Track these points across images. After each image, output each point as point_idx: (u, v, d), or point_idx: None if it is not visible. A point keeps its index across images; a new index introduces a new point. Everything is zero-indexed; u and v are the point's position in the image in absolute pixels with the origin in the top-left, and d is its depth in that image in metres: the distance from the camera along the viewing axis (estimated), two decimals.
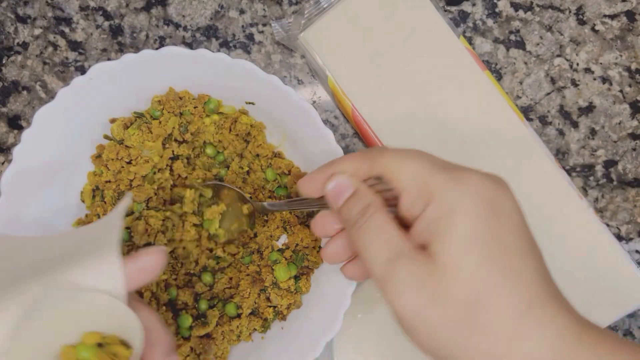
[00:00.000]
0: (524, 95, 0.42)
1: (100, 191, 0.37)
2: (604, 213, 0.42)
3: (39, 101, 0.42)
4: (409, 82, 0.39)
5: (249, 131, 0.38)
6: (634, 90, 0.42)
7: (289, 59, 0.42)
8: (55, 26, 0.42)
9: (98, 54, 0.42)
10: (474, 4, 0.42)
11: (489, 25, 0.42)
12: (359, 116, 0.39)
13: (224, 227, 0.36)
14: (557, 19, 0.42)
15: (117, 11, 0.42)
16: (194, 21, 0.42)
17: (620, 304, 0.38)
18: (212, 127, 0.37)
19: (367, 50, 0.40)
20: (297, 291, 0.37)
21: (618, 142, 0.42)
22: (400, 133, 0.39)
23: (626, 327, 0.42)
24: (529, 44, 0.42)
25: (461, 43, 0.39)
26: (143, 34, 0.42)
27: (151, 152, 0.36)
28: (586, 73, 0.42)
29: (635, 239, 0.42)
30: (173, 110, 0.36)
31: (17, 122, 0.42)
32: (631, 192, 0.42)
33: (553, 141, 0.42)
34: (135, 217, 0.36)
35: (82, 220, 0.37)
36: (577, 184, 0.42)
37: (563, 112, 0.42)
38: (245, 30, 0.42)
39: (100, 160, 0.37)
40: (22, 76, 0.42)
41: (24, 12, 0.43)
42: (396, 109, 0.39)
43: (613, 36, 0.42)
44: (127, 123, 0.36)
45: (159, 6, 0.42)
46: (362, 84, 0.40)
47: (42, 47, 0.42)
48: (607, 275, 0.38)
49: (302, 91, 0.42)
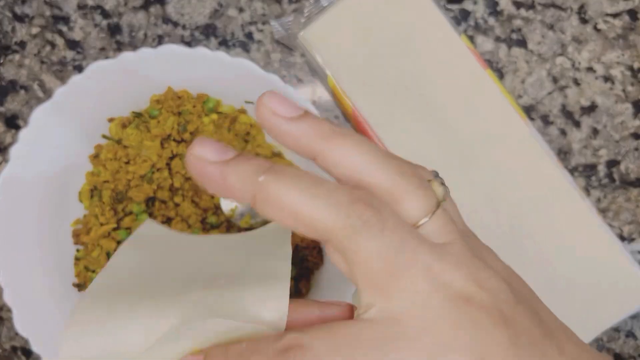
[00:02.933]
0: (526, 95, 0.42)
1: (99, 191, 0.37)
2: (606, 213, 0.41)
3: (37, 100, 0.42)
4: (409, 81, 0.39)
5: (248, 131, 0.37)
6: (636, 90, 0.41)
7: (288, 57, 0.42)
8: (53, 25, 0.42)
9: (96, 52, 0.42)
10: (475, 2, 0.42)
11: (491, 23, 0.42)
12: (359, 116, 0.39)
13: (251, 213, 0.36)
14: (559, 18, 0.42)
15: (115, 10, 0.42)
16: (192, 20, 0.42)
17: (622, 305, 0.38)
18: (211, 126, 0.37)
19: (367, 49, 0.39)
20: (297, 292, 0.37)
21: (620, 141, 0.41)
22: (401, 133, 0.39)
23: (628, 328, 0.41)
24: (531, 43, 0.42)
25: (462, 42, 0.39)
26: (141, 33, 0.42)
27: (149, 152, 0.36)
28: (588, 72, 0.42)
29: (637, 239, 0.41)
30: (172, 110, 0.36)
31: (14, 121, 0.42)
32: (633, 192, 0.41)
33: (555, 141, 0.41)
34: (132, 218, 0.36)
35: (80, 220, 0.37)
36: (579, 184, 0.41)
37: (565, 112, 0.42)
38: (245, 28, 0.42)
39: (98, 160, 0.37)
40: (20, 75, 0.42)
41: (22, 11, 0.42)
42: (397, 108, 0.39)
43: (615, 35, 0.42)
44: (125, 122, 0.36)
45: (158, 5, 0.42)
46: (363, 83, 0.39)
47: (39, 46, 0.42)
48: (609, 276, 0.38)
49: (302, 90, 0.42)
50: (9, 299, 0.33)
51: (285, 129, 0.19)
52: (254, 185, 0.18)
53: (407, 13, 0.39)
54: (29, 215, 0.35)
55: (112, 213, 0.36)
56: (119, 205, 0.36)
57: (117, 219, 0.36)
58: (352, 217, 0.18)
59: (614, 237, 0.38)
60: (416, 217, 0.19)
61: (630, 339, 0.41)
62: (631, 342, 0.41)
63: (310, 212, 0.18)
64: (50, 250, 0.36)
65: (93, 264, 0.36)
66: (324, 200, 0.18)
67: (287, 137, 0.19)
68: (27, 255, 0.35)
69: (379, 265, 0.18)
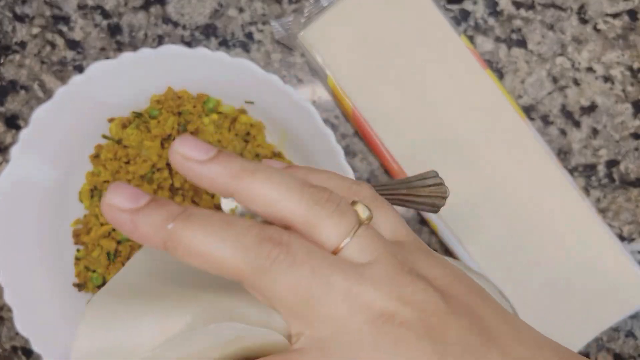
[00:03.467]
0: (526, 95, 0.42)
1: (99, 191, 0.37)
2: (606, 213, 0.41)
3: (37, 101, 0.42)
4: (409, 81, 0.39)
5: (248, 131, 0.37)
6: (636, 90, 0.41)
7: (288, 58, 0.42)
8: (53, 25, 0.42)
9: (96, 53, 0.42)
10: (475, 2, 0.42)
11: (490, 24, 0.42)
12: (360, 116, 0.39)
13: None
14: (558, 18, 0.42)
15: (115, 10, 0.42)
16: (192, 20, 0.42)
17: (622, 305, 0.38)
18: (211, 126, 0.37)
19: (367, 49, 0.39)
20: None
21: (620, 141, 0.41)
22: (401, 132, 0.39)
23: (628, 328, 0.41)
24: (531, 43, 0.42)
25: (462, 42, 0.39)
26: (142, 33, 0.42)
27: (150, 152, 0.36)
28: (588, 72, 0.42)
29: (637, 239, 0.41)
30: (172, 110, 0.36)
31: (14, 121, 0.42)
32: (633, 192, 0.41)
33: (555, 141, 0.41)
34: None
35: (81, 220, 0.37)
36: (579, 184, 0.41)
37: (565, 112, 0.42)
38: (245, 29, 0.42)
39: (98, 160, 0.37)
40: (20, 75, 0.42)
41: (22, 11, 0.42)
42: (397, 108, 0.39)
43: (615, 35, 0.42)
44: (125, 123, 0.36)
45: (158, 5, 0.42)
46: (363, 83, 0.39)
47: (40, 46, 0.42)
48: (609, 276, 0.38)
49: (302, 90, 0.42)
50: (9, 299, 0.33)
51: (199, 173, 0.19)
52: (164, 232, 0.18)
53: (407, 13, 0.39)
54: (29, 215, 0.35)
55: None
56: None
57: None
58: (260, 257, 0.18)
59: (614, 237, 0.38)
60: (335, 241, 0.19)
61: (630, 339, 0.41)
62: (631, 342, 0.41)
63: (218, 256, 0.18)
64: (50, 250, 0.36)
65: (93, 264, 0.36)
66: (232, 243, 0.18)
67: (203, 180, 0.19)
68: (27, 255, 0.35)
69: (295, 299, 0.18)
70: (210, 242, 0.18)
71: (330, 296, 0.18)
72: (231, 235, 0.18)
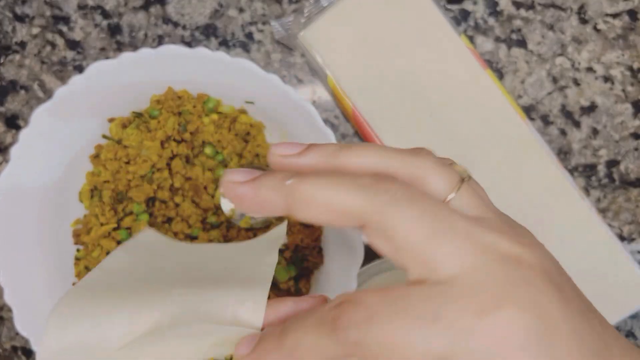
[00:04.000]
0: (526, 95, 0.42)
1: (99, 191, 0.37)
2: (606, 213, 0.41)
3: (37, 100, 0.42)
4: (409, 81, 0.39)
5: (248, 131, 0.37)
6: (636, 90, 0.41)
7: (288, 58, 0.42)
8: (53, 25, 0.42)
9: (96, 53, 0.42)
10: (475, 2, 0.42)
11: (491, 24, 0.42)
12: (360, 116, 0.39)
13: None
14: (558, 18, 0.42)
15: (115, 10, 0.42)
16: (192, 20, 0.42)
17: (622, 305, 0.38)
18: (211, 126, 0.37)
19: (367, 49, 0.39)
20: (296, 292, 0.37)
21: (620, 141, 0.41)
22: (401, 132, 0.39)
23: (628, 328, 0.41)
24: (531, 43, 0.42)
25: (462, 42, 0.39)
26: (142, 33, 0.42)
27: (150, 152, 0.36)
28: (588, 72, 0.42)
29: (637, 239, 0.41)
30: (172, 110, 0.36)
31: (15, 121, 0.42)
32: (633, 192, 0.41)
33: (555, 141, 0.41)
34: (132, 218, 0.36)
35: (81, 220, 0.37)
36: (579, 184, 0.41)
37: (565, 112, 0.42)
38: (245, 29, 0.42)
39: (98, 160, 0.37)
40: (20, 75, 0.42)
41: (22, 11, 0.42)
42: (397, 108, 0.39)
43: (615, 35, 0.42)
44: (125, 122, 0.36)
45: (158, 5, 0.42)
46: (363, 83, 0.39)
47: (40, 46, 0.42)
48: (609, 276, 0.38)
49: (302, 90, 0.42)
50: (9, 299, 0.33)
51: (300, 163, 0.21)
52: (284, 190, 0.19)
53: (407, 13, 0.39)
54: (29, 215, 0.35)
55: (112, 213, 0.36)
56: (119, 205, 0.36)
57: (117, 219, 0.36)
58: (380, 194, 0.18)
59: (614, 237, 0.38)
60: (442, 193, 0.19)
61: (630, 339, 0.41)
62: (631, 342, 0.41)
63: (340, 200, 0.19)
64: (50, 250, 0.36)
65: (93, 264, 0.36)
66: (350, 186, 0.19)
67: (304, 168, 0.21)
68: (27, 255, 0.35)
69: (419, 235, 0.18)
70: (329, 187, 0.19)
71: (455, 234, 0.18)
72: (347, 179, 0.19)
